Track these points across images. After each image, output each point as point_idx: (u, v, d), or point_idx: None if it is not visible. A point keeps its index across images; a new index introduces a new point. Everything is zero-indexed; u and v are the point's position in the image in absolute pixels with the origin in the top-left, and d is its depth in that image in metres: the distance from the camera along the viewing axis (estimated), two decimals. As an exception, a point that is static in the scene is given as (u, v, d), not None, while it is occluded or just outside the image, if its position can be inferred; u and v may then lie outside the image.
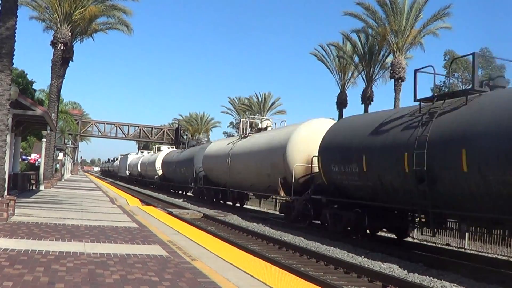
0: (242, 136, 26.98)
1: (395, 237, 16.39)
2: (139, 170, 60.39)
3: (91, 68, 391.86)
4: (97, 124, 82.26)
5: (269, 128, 25.73)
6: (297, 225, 18.75)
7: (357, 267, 11.06)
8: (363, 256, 12.69)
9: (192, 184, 34.38)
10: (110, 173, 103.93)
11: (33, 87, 47.18)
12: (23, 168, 32.44)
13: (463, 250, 15.77)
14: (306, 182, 19.03)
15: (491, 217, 10.90)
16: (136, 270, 6.98)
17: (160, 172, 47.85)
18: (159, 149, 57.00)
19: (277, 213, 24.49)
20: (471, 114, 11.15)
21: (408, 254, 12.99)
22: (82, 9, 34.99)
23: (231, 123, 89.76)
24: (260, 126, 26.26)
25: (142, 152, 71.13)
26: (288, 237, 16.05)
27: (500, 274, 10.50)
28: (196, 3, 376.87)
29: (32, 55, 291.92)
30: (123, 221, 13.74)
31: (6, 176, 14.05)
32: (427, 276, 10.39)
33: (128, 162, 71.01)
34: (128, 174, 70.56)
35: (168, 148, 55.63)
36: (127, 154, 77.91)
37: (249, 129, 28.74)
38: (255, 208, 30.60)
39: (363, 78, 43.79)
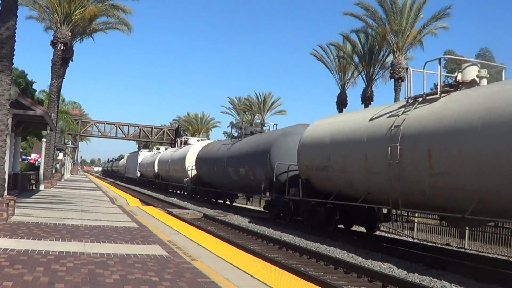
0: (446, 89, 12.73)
1: None
2: (157, 170, 48.37)
3: (91, 68, 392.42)
4: (97, 124, 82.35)
5: (483, 82, 12.42)
6: None
7: (357, 267, 11.06)
8: (363, 256, 12.69)
9: (267, 193, 21.25)
10: (114, 174, 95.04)
11: (33, 87, 47.24)
12: (23, 168, 32.47)
13: (463, 250, 15.78)
14: None
15: None
16: (136, 270, 6.98)
17: (193, 173, 34.85)
18: (185, 143, 43.62)
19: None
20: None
21: (408, 254, 12.99)
22: (82, 9, 34.99)
23: (231, 123, 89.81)
24: (459, 77, 12.66)
25: (158, 149, 57.84)
26: (288, 237, 16.05)
27: (500, 274, 10.50)
28: (196, 3, 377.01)
29: (32, 55, 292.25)
30: (123, 221, 13.74)
31: (6, 176, 14.06)
32: (427, 276, 10.40)
33: (139, 161, 59.50)
34: (138, 175, 59.61)
35: (199, 140, 42.32)
36: (138, 151, 67.20)
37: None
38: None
39: (363, 78, 43.81)
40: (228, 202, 31.31)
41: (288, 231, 17.30)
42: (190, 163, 35.10)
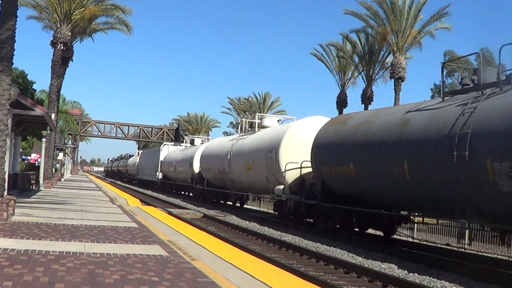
0: None
1: None
2: (197, 170, 32.86)
3: (91, 68, 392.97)
4: (97, 124, 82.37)
5: None
6: None
7: (357, 267, 11.05)
8: (363, 256, 12.69)
9: None
10: (121, 175, 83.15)
11: (33, 87, 47.22)
12: (23, 168, 32.48)
13: (463, 250, 15.77)
14: None
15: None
16: (136, 270, 6.98)
17: (302, 173, 18.46)
18: (259, 126, 25.24)
19: None
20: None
21: (408, 254, 12.99)
22: (81, 9, 35.03)
23: (231, 123, 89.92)
24: None
25: (192, 141, 43.07)
26: (288, 237, 16.03)
27: (500, 274, 10.50)
28: (195, 3, 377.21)
29: (32, 55, 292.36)
30: (123, 221, 13.75)
31: (6, 176, 14.06)
32: (427, 276, 10.39)
33: (161, 158, 44.77)
34: (160, 177, 45.18)
35: (281, 121, 25.38)
36: (159, 146, 50.97)
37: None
38: None
39: (363, 78, 43.86)
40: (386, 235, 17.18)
41: (288, 231, 17.29)
42: (291, 157, 18.82)
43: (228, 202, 29.69)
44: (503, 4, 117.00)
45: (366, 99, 42.64)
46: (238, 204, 29.75)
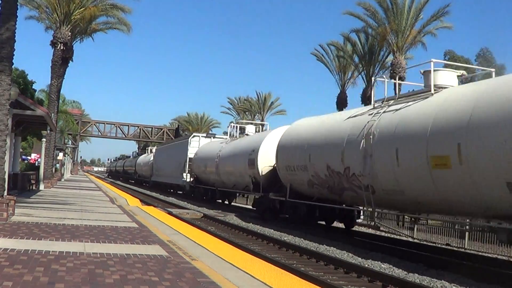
0: None
1: None
2: (264, 171, 21.74)
3: (91, 68, 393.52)
4: (97, 124, 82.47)
5: None
6: None
7: (357, 267, 11.05)
8: (363, 256, 12.69)
9: None
10: (128, 176, 74.83)
11: (33, 87, 47.22)
12: (23, 168, 32.50)
13: (463, 250, 15.76)
14: None
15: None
16: (136, 270, 6.98)
17: None
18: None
19: None
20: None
21: (408, 254, 12.99)
22: (81, 9, 35.03)
23: (231, 123, 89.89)
24: None
25: (242, 130, 31.56)
26: (288, 237, 16.04)
27: (500, 274, 10.50)
28: (196, 3, 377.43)
29: (32, 55, 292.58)
30: (123, 221, 13.74)
31: (6, 176, 14.05)
32: (427, 276, 10.40)
33: (190, 155, 34.28)
34: (189, 180, 34.24)
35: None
36: (187, 137, 39.51)
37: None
38: None
39: (363, 78, 43.81)
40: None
41: (288, 231, 17.29)
42: None
43: (323, 222, 19.32)
44: (504, 4, 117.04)
45: (366, 99, 42.61)
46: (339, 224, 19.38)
